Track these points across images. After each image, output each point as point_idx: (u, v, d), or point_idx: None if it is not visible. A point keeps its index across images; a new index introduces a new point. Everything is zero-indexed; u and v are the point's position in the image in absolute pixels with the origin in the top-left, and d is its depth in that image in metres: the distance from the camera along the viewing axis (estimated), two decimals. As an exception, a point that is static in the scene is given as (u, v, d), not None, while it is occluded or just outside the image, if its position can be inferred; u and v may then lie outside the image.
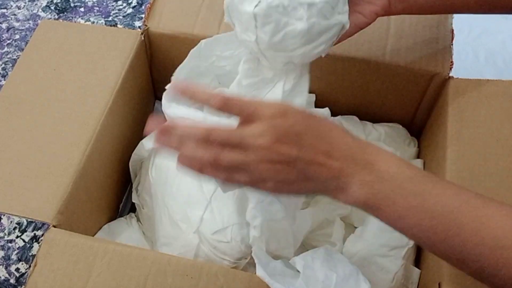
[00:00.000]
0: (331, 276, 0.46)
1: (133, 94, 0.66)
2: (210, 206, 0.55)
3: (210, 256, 0.55)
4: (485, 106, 0.57)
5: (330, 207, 0.62)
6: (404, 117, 0.71)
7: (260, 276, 0.45)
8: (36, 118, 0.58)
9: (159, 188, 0.60)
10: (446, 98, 0.60)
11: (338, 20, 0.46)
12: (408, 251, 0.56)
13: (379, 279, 0.55)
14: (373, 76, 0.65)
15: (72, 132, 0.57)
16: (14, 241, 0.75)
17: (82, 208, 0.56)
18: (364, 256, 0.55)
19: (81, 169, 0.55)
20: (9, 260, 0.73)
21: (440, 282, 0.48)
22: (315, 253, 0.49)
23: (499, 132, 0.55)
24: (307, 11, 0.44)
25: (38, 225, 0.76)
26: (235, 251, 0.54)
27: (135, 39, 0.65)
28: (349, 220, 0.63)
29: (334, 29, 0.46)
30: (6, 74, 0.94)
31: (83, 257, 0.49)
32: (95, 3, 1.05)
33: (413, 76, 0.63)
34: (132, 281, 0.47)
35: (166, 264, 0.48)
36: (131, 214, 0.67)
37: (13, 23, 1.03)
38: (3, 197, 0.53)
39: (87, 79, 0.61)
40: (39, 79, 0.62)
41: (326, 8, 0.45)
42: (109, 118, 0.60)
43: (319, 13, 0.44)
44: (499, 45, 0.88)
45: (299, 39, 0.45)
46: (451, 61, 0.62)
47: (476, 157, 0.54)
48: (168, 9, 0.68)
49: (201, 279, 0.47)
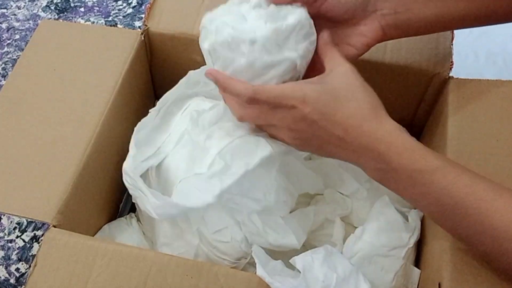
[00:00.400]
0: (331, 276, 0.46)
1: (133, 94, 0.66)
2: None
3: (210, 256, 0.55)
4: (485, 106, 0.57)
5: (331, 206, 0.62)
6: (404, 117, 0.71)
7: (260, 275, 0.45)
8: (36, 118, 0.58)
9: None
10: (446, 98, 0.60)
11: (285, 56, 0.46)
12: (408, 251, 0.56)
13: (379, 279, 0.55)
14: (373, 76, 0.65)
15: (72, 132, 0.57)
16: (14, 241, 0.75)
17: (82, 208, 0.56)
18: (364, 256, 0.55)
19: (81, 169, 0.55)
20: (9, 260, 0.73)
21: (440, 282, 0.48)
22: (315, 253, 0.49)
23: (499, 132, 0.55)
24: (249, 47, 0.45)
25: (38, 225, 0.77)
26: (235, 251, 0.54)
27: (135, 39, 0.65)
28: (349, 220, 0.63)
29: (283, 65, 0.46)
30: (6, 74, 0.94)
31: (83, 257, 0.49)
32: (95, 3, 1.05)
33: (413, 76, 0.63)
34: (132, 281, 0.47)
35: (166, 264, 0.48)
36: (131, 214, 0.67)
37: (13, 23, 1.03)
38: (3, 197, 0.53)
39: (87, 79, 0.61)
40: (39, 79, 0.62)
41: (270, 44, 0.46)
42: (109, 118, 0.60)
43: (262, 49, 0.45)
44: (499, 45, 0.88)
45: (245, 73, 0.47)
46: (451, 61, 0.62)
47: (476, 157, 0.54)
48: (168, 9, 0.68)
49: (201, 279, 0.47)
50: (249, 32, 0.45)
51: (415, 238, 0.56)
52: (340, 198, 0.64)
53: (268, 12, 0.47)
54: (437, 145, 0.60)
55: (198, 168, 0.52)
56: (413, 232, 0.56)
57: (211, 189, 0.49)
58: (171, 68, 0.67)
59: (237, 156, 0.50)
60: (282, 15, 0.47)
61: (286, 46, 0.47)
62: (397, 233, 0.56)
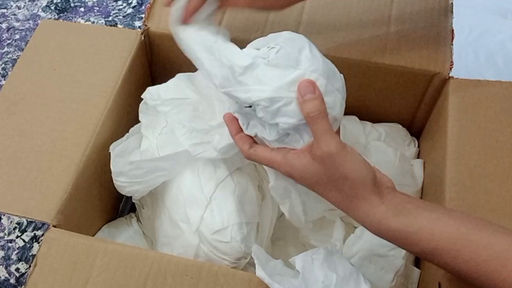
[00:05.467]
0: (331, 276, 0.46)
1: (133, 94, 0.66)
2: (210, 206, 0.55)
3: (210, 256, 0.55)
4: (485, 106, 0.57)
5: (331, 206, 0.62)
6: (404, 117, 0.71)
7: (259, 277, 0.45)
8: (36, 118, 0.58)
9: (159, 188, 0.60)
10: (446, 98, 0.60)
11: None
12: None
13: (379, 279, 0.55)
14: (373, 76, 0.65)
15: (72, 132, 0.57)
16: (14, 241, 0.75)
17: (82, 208, 0.56)
18: (364, 256, 0.55)
19: (81, 169, 0.55)
20: (9, 260, 0.73)
21: (440, 282, 0.48)
22: (315, 253, 0.49)
23: (499, 132, 0.55)
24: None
25: (38, 225, 0.77)
26: (235, 251, 0.54)
27: (135, 39, 0.65)
28: (349, 220, 0.63)
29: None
30: (6, 74, 0.94)
31: (83, 257, 0.49)
32: (95, 3, 1.05)
33: (413, 76, 0.63)
34: (132, 281, 0.47)
35: (166, 264, 0.48)
36: (131, 214, 0.68)
37: (13, 23, 1.03)
38: (3, 197, 0.53)
39: (87, 79, 0.61)
40: (39, 79, 0.62)
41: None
42: (109, 118, 0.60)
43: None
44: (499, 45, 0.88)
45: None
46: (451, 61, 0.62)
47: (476, 157, 0.54)
48: (168, 9, 0.68)
49: (201, 279, 0.47)
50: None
51: (415, 238, 0.56)
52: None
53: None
54: (437, 145, 0.60)
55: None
56: (413, 232, 0.56)
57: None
58: (171, 68, 0.66)
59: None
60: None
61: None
62: (397, 233, 0.56)
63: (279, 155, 0.46)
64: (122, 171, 0.57)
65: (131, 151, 0.60)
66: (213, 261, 0.55)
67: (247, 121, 0.49)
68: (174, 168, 0.58)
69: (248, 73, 0.45)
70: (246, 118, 0.49)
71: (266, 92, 0.44)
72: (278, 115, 0.44)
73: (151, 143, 0.60)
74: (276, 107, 0.44)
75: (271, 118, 0.45)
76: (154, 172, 0.57)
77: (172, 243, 0.58)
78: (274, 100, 0.44)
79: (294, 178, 0.45)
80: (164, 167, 0.57)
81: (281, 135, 0.46)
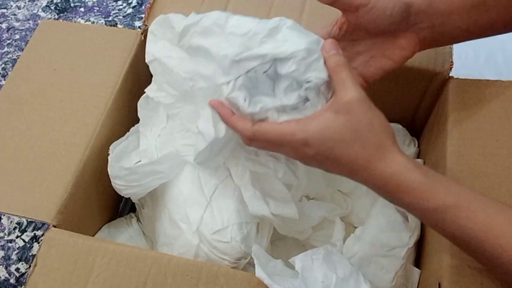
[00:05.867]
0: (331, 277, 0.46)
1: (133, 94, 0.66)
2: (210, 206, 0.55)
3: (210, 256, 0.55)
4: (485, 106, 0.57)
5: (330, 206, 0.62)
6: (404, 117, 0.71)
7: (259, 277, 0.45)
8: (36, 118, 0.58)
9: (159, 188, 0.60)
10: (446, 98, 0.60)
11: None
12: (408, 251, 0.56)
13: (379, 279, 0.55)
14: (373, 76, 0.65)
15: (72, 132, 0.57)
16: (14, 241, 0.75)
17: (82, 208, 0.57)
18: (364, 256, 0.55)
19: (81, 169, 0.55)
20: (9, 260, 0.73)
21: (440, 282, 0.48)
22: (315, 253, 0.49)
23: (499, 132, 0.55)
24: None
25: (38, 225, 0.77)
26: (235, 251, 0.54)
27: (135, 39, 0.65)
28: (349, 220, 0.63)
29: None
30: (6, 74, 0.94)
31: (83, 257, 0.49)
32: (95, 3, 1.05)
33: (413, 76, 0.63)
34: (132, 281, 0.47)
35: (166, 264, 0.48)
36: (131, 214, 0.68)
37: (13, 23, 1.03)
38: (3, 197, 0.53)
39: (87, 79, 0.61)
40: (39, 79, 0.62)
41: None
42: (109, 118, 0.60)
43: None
44: (499, 45, 0.88)
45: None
46: (451, 61, 0.62)
47: (476, 157, 0.54)
48: (168, 9, 0.68)
49: (201, 279, 0.47)
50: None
51: (415, 238, 0.56)
52: (340, 198, 0.64)
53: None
54: (437, 145, 0.60)
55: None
56: (413, 232, 0.56)
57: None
58: (171, 68, 0.66)
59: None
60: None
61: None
62: (397, 233, 0.56)
63: (290, 123, 0.43)
64: (118, 175, 0.57)
65: (130, 151, 0.60)
66: (213, 261, 0.55)
67: (249, 97, 0.45)
68: (172, 170, 0.58)
69: (274, 34, 0.46)
70: (248, 93, 0.46)
71: (302, 44, 0.44)
72: (310, 70, 0.45)
73: (150, 144, 0.59)
74: (312, 59, 0.44)
75: (304, 73, 0.45)
76: (150, 175, 0.57)
77: (172, 243, 0.58)
78: (311, 51, 0.44)
79: (310, 146, 0.42)
80: (161, 170, 0.57)
81: (301, 99, 0.45)
